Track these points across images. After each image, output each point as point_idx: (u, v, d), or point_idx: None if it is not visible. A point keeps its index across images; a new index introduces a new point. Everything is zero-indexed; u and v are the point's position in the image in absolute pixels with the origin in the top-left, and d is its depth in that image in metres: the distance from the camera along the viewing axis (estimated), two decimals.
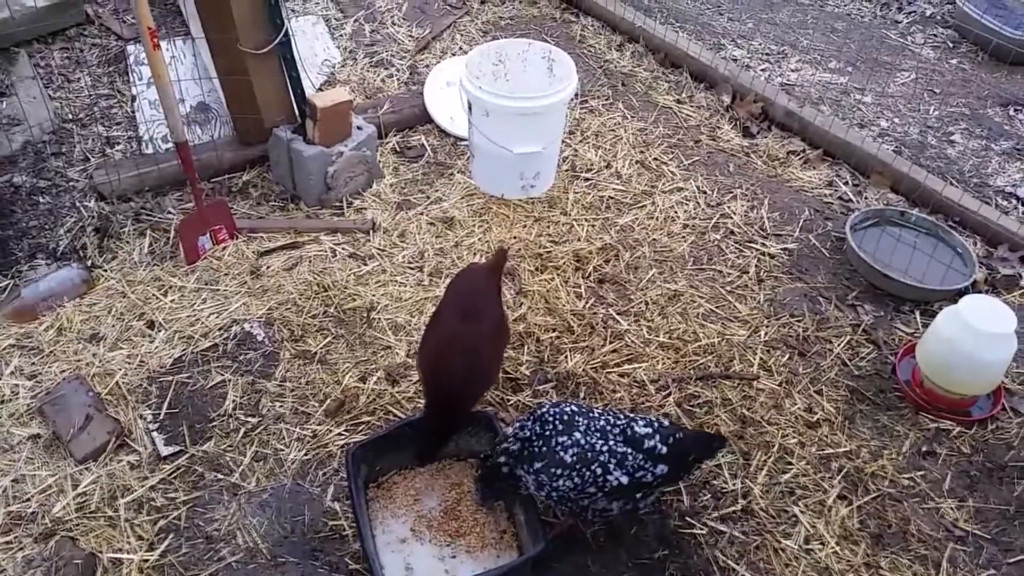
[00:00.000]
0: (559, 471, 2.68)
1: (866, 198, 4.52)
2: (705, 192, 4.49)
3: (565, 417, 2.75)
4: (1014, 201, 4.56)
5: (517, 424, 2.82)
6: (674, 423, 2.98)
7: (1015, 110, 5.25)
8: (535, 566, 2.80)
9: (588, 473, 2.68)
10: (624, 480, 2.70)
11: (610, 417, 2.80)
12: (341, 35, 5.52)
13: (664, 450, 2.73)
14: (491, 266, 3.32)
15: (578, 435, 2.71)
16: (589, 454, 2.69)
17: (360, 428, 3.34)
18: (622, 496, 2.74)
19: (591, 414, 2.79)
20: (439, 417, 2.99)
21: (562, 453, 2.68)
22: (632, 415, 2.84)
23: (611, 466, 2.68)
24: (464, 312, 3.04)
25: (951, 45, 5.94)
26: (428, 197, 4.40)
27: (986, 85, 5.47)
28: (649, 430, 2.76)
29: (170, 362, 3.56)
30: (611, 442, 2.71)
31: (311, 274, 3.94)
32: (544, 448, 2.71)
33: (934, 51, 5.86)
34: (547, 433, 2.72)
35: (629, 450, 2.71)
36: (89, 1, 5.43)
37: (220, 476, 3.18)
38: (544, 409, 2.79)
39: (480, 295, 3.14)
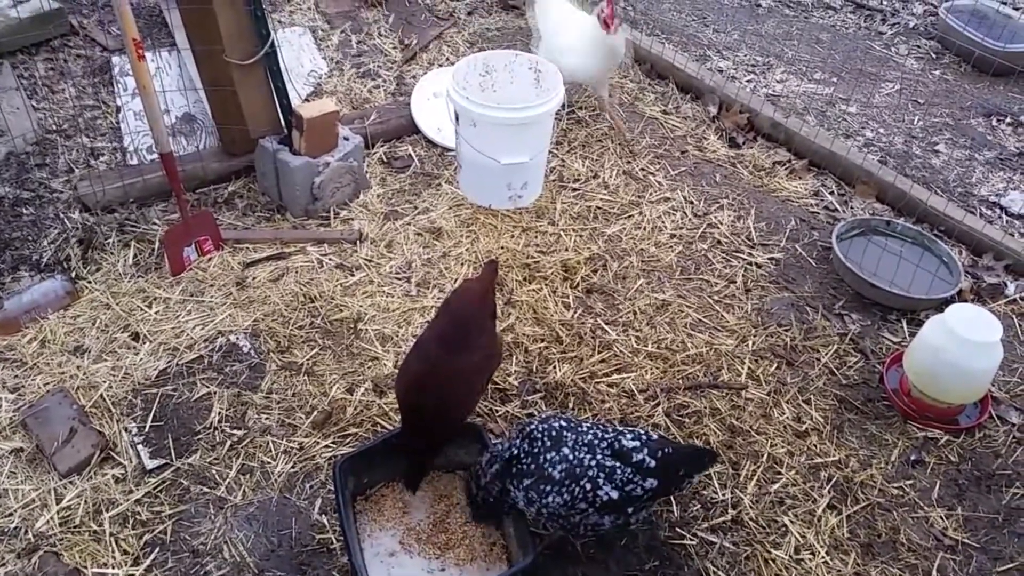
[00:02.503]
0: (548, 487, 2.66)
1: (852, 208, 4.54)
2: (692, 202, 4.50)
3: (553, 433, 2.73)
4: (998, 210, 4.60)
5: (506, 443, 2.80)
6: (663, 436, 2.95)
7: (998, 120, 5.30)
8: None
9: (578, 489, 2.66)
10: (614, 495, 2.68)
11: (598, 431, 2.77)
12: (327, 46, 5.51)
13: (653, 464, 2.70)
14: (484, 286, 3.19)
15: (566, 450, 2.69)
16: (578, 469, 2.67)
17: (347, 440, 3.31)
18: (613, 511, 2.72)
19: (579, 428, 2.77)
20: (416, 445, 2.96)
21: (550, 469, 2.66)
22: (620, 428, 2.83)
23: (600, 480, 2.66)
24: (449, 341, 2.94)
25: (934, 56, 5.99)
26: (415, 207, 4.39)
27: (969, 95, 5.52)
28: (637, 443, 2.73)
29: (155, 374, 3.53)
30: (599, 456, 2.69)
31: (297, 285, 3.91)
32: (532, 465, 2.69)
33: (918, 62, 5.92)
34: (535, 450, 2.70)
35: (617, 464, 2.69)
36: (74, 12, 5.40)
37: (206, 489, 3.14)
38: (532, 426, 2.77)
39: (469, 321, 3.03)
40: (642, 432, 2.80)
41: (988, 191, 4.73)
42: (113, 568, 2.89)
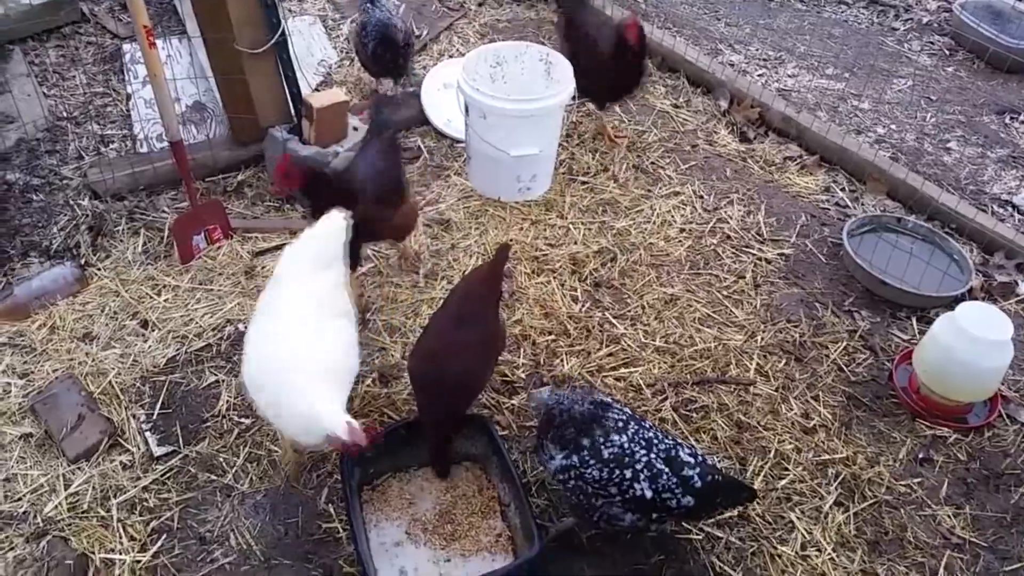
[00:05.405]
0: (593, 461, 2.69)
1: (863, 204, 4.52)
2: (702, 196, 4.48)
3: (625, 416, 2.78)
4: (1010, 208, 4.57)
5: (588, 403, 2.79)
6: (716, 464, 2.94)
7: (1011, 118, 5.26)
8: (530, 570, 2.78)
9: (617, 473, 2.68)
10: (648, 494, 2.69)
11: (659, 433, 2.81)
12: (337, 35, 5.50)
13: (699, 484, 2.72)
14: (491, 271, 3.20)
15: (624, 438, 2.72)
16: (627, 458, 2.70)
17: None
18: (639, 511, 2.73)
19: (643, 423, 2.81)
20: (435, 425, 2.98)
21: (604, 449, 2.70)
22: (680, 441, 2.83)
23: (641, 476, 2.69)
24: (459, 318, 3.00)
25: (948, 53, 5.95)
26: (424, 199, 4.38)
27: (982, 93, 5.48)
28: (691, 460, 2.76)
29: (163, 362, 3.53)
30: (652, 455, 2.72)
31: None
32: (588, 441, 2.71)
33: (931, 58, 5.88)
34: (596, 433, 2.73)
35: (667, 469, 2.71)
36: None
37: (213, 477, 3.15)
38: (615, 408, 2.81)
39: (477, 299, 3.09)
40: (699, 453, 2.82)
41: (1000, 189, 4.70)
42: (120, 554, 2.90)
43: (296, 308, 2.86)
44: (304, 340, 2.80)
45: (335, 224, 3.00)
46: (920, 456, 3.34)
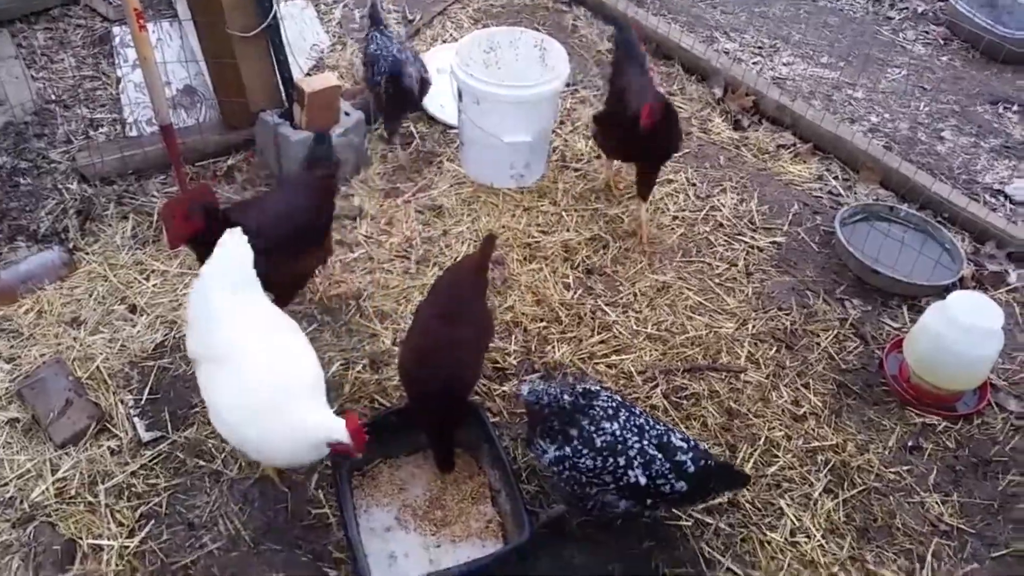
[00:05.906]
0: (586, 450, 2.69)
1: (855, 193, 4.51)
2: (695, 184, 4.47)
3: (614, 404, 2.78)
4: (1002, 198, 4.57)
5: (572, 393, 2.80)
6: (708, 450, 2.95)
7: (1005, 108, 5.26)
8: (520, 555, 2.78)
9: (611, 461, 2.68)
10: (643, 481, 2.69)
11: (650, 419, 2.81)
12: (330, 20, 5.46)
13: (691, 469, 2.72)
14: (477, 261, 3.18)
15: (616, 426, 2.72)
16: (619, 446, 2.70)
17: None
18: (634, 497, 2.73)
19: (633, 409, 2.81)
20: (433, 421, 2.96)
21: (596, 438, 2.70)
22: (671, 427, 2.83)
23: (635, 463, 2.69)
24: (447, 316, 2.97)
25: (942, 42, 5.94)
26: (416, 185, 4.36)
27: (976, 82, 5.47)
28: (684, 445, 2.76)
29: (152, 347, 3.51)
30: (645, 442, 2.72)
31: None
32: (577, 432, 2.71)
33: (925, 48, 5.87)
34: (583, 422, 2.73)
35: (659, 455, 2.71)
36: None
37: (202, 463, 3.14)
38: (603, 395, 2.81)
39: (464, 291, 3.07)
40: (691, 439, 2.83)
41: (992, 179, 4.70)
42: (108, 539, 2.89)
43: (247, 341, 2.75)
44: (273, 367, 2.72)
45: (239, 242, 2.80)
46: (909, 444, 3.35)
